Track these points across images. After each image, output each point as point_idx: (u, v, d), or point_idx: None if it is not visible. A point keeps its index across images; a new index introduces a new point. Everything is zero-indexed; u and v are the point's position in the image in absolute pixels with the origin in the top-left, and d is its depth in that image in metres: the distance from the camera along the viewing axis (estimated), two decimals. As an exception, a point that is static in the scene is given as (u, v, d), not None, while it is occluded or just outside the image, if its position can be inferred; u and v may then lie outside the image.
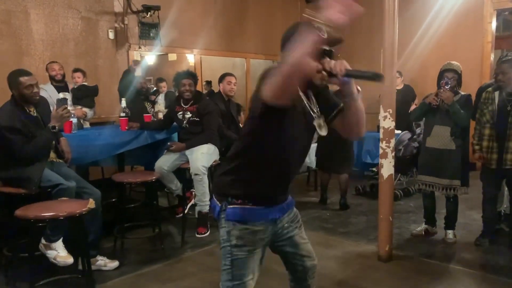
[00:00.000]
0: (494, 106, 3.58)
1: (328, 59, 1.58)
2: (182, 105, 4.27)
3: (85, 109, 4.98)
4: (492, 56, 6.67)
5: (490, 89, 3.68)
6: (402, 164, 5.31)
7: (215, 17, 7.29)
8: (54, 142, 3.30)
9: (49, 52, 5.46)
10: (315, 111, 1.69)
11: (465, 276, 3.27)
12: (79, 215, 2.50)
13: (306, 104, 1.68)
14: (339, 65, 1.55)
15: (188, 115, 4.23)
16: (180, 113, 4.26)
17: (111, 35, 6.12)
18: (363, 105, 1.72)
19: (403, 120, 4.86)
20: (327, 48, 1.57)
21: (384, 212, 3.47)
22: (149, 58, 7.43)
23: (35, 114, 3.18)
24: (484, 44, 6.58)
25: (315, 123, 1.68)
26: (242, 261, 1.73)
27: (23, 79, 3.02)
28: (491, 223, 3.84)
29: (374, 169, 5.60)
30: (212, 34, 7.27)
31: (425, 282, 3.18)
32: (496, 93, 3.60)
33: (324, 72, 1.57)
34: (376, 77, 1.51)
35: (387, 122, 3.37)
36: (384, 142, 3.40)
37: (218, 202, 1.78)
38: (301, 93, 1.66)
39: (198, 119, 4.21)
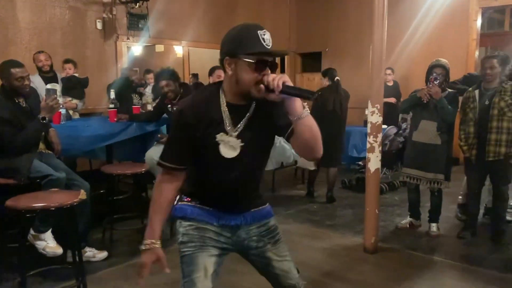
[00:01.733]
0: (476, 104, 3.67)
1: (269, 71, 1.53)
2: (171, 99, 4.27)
3: (75, 101, 4.95)
4: (476, 53, 6.79)
5: (470, 88, 3.77)
6: (388, 159, 5.40)
7: (204, 9, 7.27)
8: (43, 133, 3.29)
9: (36, 41, 5.40)
10: (227, 124, 1.60)
11: (448, 267, 3.36)
12: (70, 206, 2.51)
13: (226, 120, 1.60)
14: (277, 80, 1.46)
15: (178, 107, 4.22)
16: (169, 105, 4.26)
17: (99, 25, 6.06)
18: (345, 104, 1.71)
19: (393, 115, 4.91)
20: (269, 59, 1.53)
21: (371, 205, 3.55)
22: (136, 49, 7.38)
23: (24, 105, 3.16)
24: (470, 42, 6.69)
25: (218, 138, 1.59)
26: (189, 257, 1.66)
27: (15, 70, 3.00)
28: (474, 217, 3.95)
29: (360, 163, 5.67)
30: (201, 26, 7.25)
31: (410, 273, 3.26)
32: (477, 92, 3.69)
33: (262, 86, 1.50)
34: (311, 95, 1.47)
35: (374, 117, 3.43)
36: (371, 136, 3.47)
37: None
38: (224, 107, 1.60)
39: (187, 111, 4.20)
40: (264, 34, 1.51)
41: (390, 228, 4.23)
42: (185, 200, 1.71)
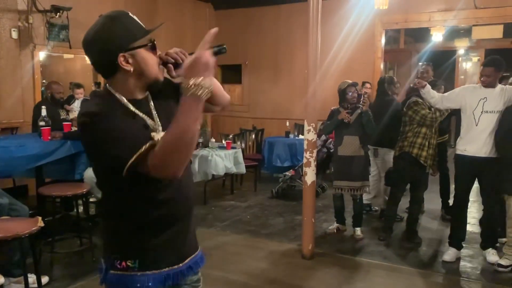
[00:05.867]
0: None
1: (157, 51, 1.43)
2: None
3: None
4: (381, 68, 7.57)
5: (420, 100, 4.16)
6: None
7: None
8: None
9: None
10: (146, 119, 1.40)
11: (375, 267, 3.79)
12: (29, 235, 2.44)
13: (145, 118, 1.40)
14: (180, 52, 1.41)
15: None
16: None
17: (14, 34, 5.70)
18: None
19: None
20: (152, 39, 1.41)
21: (308, 214, 3.87)
22: (41, 56, 6.96)
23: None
24: (375, 59, 7.44)
25: (156, 137, 1.35)
26: None
27: None
28: (391, 220, 4.46)
29: (287, 173, 6.01)
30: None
31: (344, 275, 3.63)
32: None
33: (170, 65, 1.40)
34: (221, 49, 1.35)
35: (310, 134, 3.76)
36: (308, 152, 3.79)
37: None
38: (130, 105, 1.38)
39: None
40: (134, 15, 1.41)
41: (319, 233, 4.60)
42: (119, 266, 1.41)
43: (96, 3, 6.50)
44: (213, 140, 5.93)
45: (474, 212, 5.08)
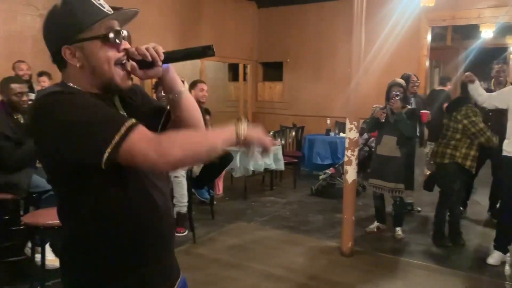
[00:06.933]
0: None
1: (128, 44, 1.17)
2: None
3: None
4: (427, 65, 7.42)
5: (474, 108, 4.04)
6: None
7: (170, 20, 7.37)
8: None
9: (6, 49, 5.29)
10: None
11: (416, 267, 3.77)
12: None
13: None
14: (153, 47, 1.15)
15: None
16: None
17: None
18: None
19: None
20: (121, 29, 1.15)
21: (348, 213, 3.89)
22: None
23: (22, 121, 3.21)
24: (421, 57, 7.29)
25: None
26: None
27: (14, 86, 3.07)
28: (442, 224, 4.28)
29: (327, 171, 6.03)
30: (167, 36, 7.34)
31: (384, 274, 3.63)
32: None
33: (133, 63, 1.15)
34: (207, 50, 1.17)
35: (352, 133, 3.78)
36: (349, 151, 3.81)
37: None
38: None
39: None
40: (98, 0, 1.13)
41: (359, 232, 4.59)
42: None
43: (142, 2, 6.75)
44: (255, 136, 6.01)
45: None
